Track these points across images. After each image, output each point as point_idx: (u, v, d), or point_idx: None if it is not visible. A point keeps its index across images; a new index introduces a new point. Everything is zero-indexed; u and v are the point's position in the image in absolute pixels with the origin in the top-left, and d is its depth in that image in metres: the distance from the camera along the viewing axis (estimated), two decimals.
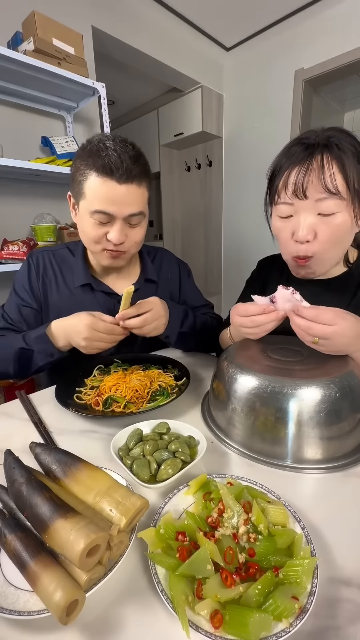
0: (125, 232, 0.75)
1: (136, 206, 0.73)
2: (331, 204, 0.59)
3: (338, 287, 0.72)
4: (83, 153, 0.71)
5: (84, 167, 0.70)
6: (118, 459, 0.48)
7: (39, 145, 1.82)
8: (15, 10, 1.60)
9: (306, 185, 0.59)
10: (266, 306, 0.59)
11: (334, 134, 0.60)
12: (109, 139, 0.70)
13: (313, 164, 0.58)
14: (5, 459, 0.41)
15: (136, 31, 2.15)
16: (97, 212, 0.71)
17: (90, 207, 0.71)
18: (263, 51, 2.56)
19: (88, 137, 0.75)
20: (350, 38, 2.12)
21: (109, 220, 0.73)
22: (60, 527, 0.30)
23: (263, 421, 0.51)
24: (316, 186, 0.58)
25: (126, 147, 0.70)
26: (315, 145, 0.59)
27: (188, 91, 2.81)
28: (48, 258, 0.88)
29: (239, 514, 0.38)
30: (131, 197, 0.71)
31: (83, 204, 0.73)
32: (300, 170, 0.59)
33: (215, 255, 3.31)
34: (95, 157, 0.68)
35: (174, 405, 0.66)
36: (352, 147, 0.59)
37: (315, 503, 0.44)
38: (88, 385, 0.73)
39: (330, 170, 0.57)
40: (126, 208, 0.72)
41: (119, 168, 0.68)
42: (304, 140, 0.61)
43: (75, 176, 0.72)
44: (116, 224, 0.73)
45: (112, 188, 0.69)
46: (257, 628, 0.27)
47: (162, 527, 0.36)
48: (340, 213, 0.60)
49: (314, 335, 0.53)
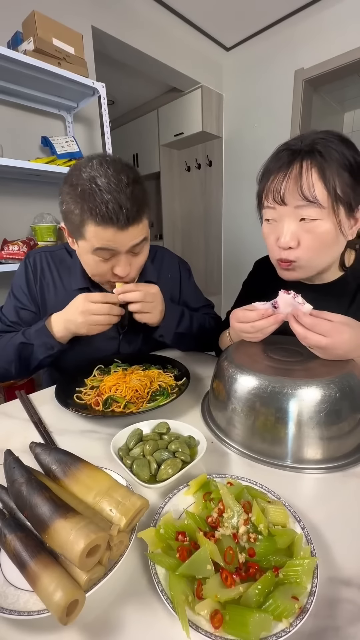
0: (130, 262, 0.73)
1: (138, 238, 0.70)
2: (311, 211, 0.58)
3: (336, 291, 0.71)
4: (73, 192, 0.64)
5: (79, 212, 0.64)
6: (118, 459, 0.48)
7: (39, 145, 1.82)
8: (15, 10, 1.60)
9: (284, 192, 0.58)
10: (264, 311, 0.60)
11: (320, 139, 0.58)
12: (100, 174, 0.63)
13: (292, 171, 0.57)
14: (5, 459, 0.41)
15: (136, 31, 2.15)
16: (99, 249, 0.67)
17: (92, 246, 0.67)
18: (263, 51, 2.56)
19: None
20: (350, 38, 2.12)
21: (112, 255, 0.70)
22: (60, 527, 0.30)
23: (263, 421, 0.51)
24: (293, 193, 0.57)
25: (120, 183, 0.63)
26: (298, 152, 0.58)
27: (188, 91, 2.80)
28: (45, 259, 0.87)
29: (239, 514, 0.38)
30: (133, 235, 0.68)
31: (83, 243, 0.69)
32: (279, 176, 0.59)
33: (215, 255, 3.31)
34: (90, 202, 0.62)
35: (174, 405, 0.66)
36: (338, 154, 0.57)
37: (315, 503, 0.44)
38: (88, 385, 0.73)
39: (308, 178, 0.56)
40: (129, 244, 0.69)
41: (119, 216, 0.63)
42: (291, 146, 0.61)
43: (69, 217, 0.67)
44: (121, 258, 0.70)
45: (114, 234, 0.65)
46: (257, 628, 0.27)
47: (162, 527, 0.36)
48: (322, 221, 0.58)
49: (309, 344, 0.54)
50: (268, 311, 0.59)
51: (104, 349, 0.90)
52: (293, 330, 0.56)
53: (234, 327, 0.66)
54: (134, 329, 0.91)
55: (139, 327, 0.91)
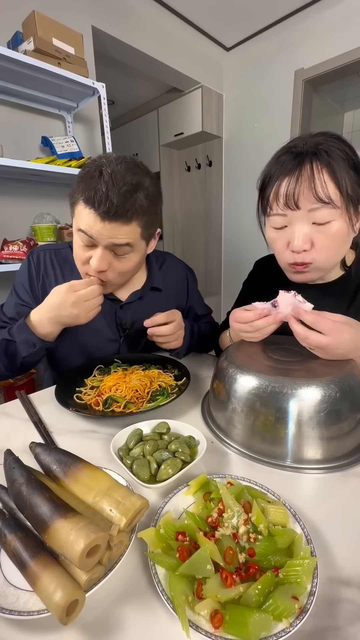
0: (109, 260, 0.71)
1: (121, 239, 0.68)
2: (325, 213, 0.57)
3: (336, 290, 0.71)
4: (82, 172, 0.69)
5: (76, 189, 0.68)
6: (118, 459, 0.48)
7: (39, 145, 1.82)
8: (15, 10, 1.60)
9: (297, 196, 0.57)
10: (262, 310, 0.59)
11: (322, 140, 0.59)
12: (109, 166, 0.65)
13: (303, 174, 0.57)
14: (5, 459, 0.41)
15: (136, 31, 2.15)
16: (80, 230, 0.69)
17: (77, 225, 0.70)
18: (263, 51, 2.55)
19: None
20: (350, 38, 2.12)
21: (92, 244, 0.70)
22: (60, 527, 0.30)
23: (263, 421, 0.51)
24: (307, 196, 0.57)
25: (123, 180, 0.64)
26: (304, 154, 0.58)
27: (188, 91, 2.80)
28: (49, 257, 0.86)
29: (239, 514, 0.38)
30: (114, 233, 0.67)
31: (73, 221, 0.72)
32: (290, 180, 0.58)
33: (215, 255, 3.31)
34: (87, 183, 0.65)
35: (174, 405, 0.66)
36: (342, 153, 0.57)
37: (315, 503, 0.44)
38: (88, 385, 0.73)
39: (320, 179, 0.56)
40: (107, 239, 0.68)
41: (101, 205, 0.63)
42: (292, 149, 0.60)
43: (71, 194, 0.71)
44: (98, 250, 0.70)
45: (94, 220, 0.66)
46: (257, 628, 0.27)
47: (162, 527, 0.36)
48: (336, 221, 0.58)
49: (310, 344, 0.54)
50: (265, 311, 0.59)
51: (104, 351, 0.90)
52: (293, 331, 0.55)
53: (232, 327, 0.66)
54: (135, 331, 0.91)
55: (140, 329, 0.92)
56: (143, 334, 0.92)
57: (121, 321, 0.88)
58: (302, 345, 0.56)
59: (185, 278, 1.02)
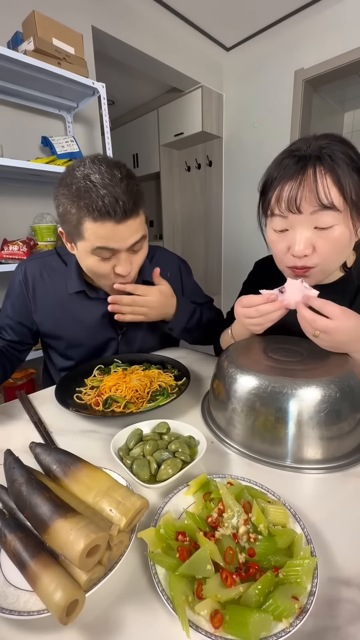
0: (130, 260, 0.73)
1: (137, 235, 0.70)
2: (327, 217, 0.57)
3: (336, 291, 0.71)
4: (69, 192, 0.65)
5: (75, 210, 0.64)
6: (118, 459, 0.48)
7: (39, 145, 1.81)
8: (15, 10, 1.60)
9: (300, 200, 0.57)
10: (269, 295, 0.60)
11: (326, 143, 0.58)
12: (93, 171, 0.63)
13: (306, 178, 0.56)
14: (5, 459, 0.41)
15: (136, 31, 2.15)
16: (99, 248, 0.67)
17: (92, 246, 0.67)
18: (263, 51, 2.55)
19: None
20: (350, 38, 2.11)
21: (112, 254, 0.70)
22: (60, 527, 0.30)
23: (263, 421, 0.51)
24: (310, 200, 0.56)
25: (114, 178, 0.64)
26: (307, 158, 0.57)
27: (188, 91, 2.80)
28: (37, 268, 0.85)
29: (239, 514, 0.38)
30: (132, 231, 0.68)
31: (82, 244, 0.69)
32: (292, 184, 0.57)
33: (215, 255, 3.31)
34: (86, 199, 0.62)
35: (174, 405, 0.66)
36: (346, 157, 0.56)
37: (315, 503, 0.44)
38: (88, 385, 0.73)
39: (323, 183, 0.55)
40: (128, 241, 0.69)
41: (115, 209, 0.63)
42: (295, 152, 0.59)
43: (67, 218, 0.67)
44: (121, 256, 0.70)
45: (112, 229, 0.65)
46: (257, 628, 0.27)
47: (162, 527, 0.36)
48: (338, 226, 0.58)
49: (317, 328, 0.54)
50: (272, 296, 0.60)
51: (102, 350, 0.90)
52: (300, 317, 0.56)
53: (238, 312, 0.65)
54: (133, 329, 0.91)
55: (138, 327, 0.92)
56: (139, 331, 0.92)
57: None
58: (305, 332, 0.56)
59: (178, 269, 1.01)
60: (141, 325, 0.92)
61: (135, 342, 0.93)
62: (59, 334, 0.87)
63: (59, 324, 0.85)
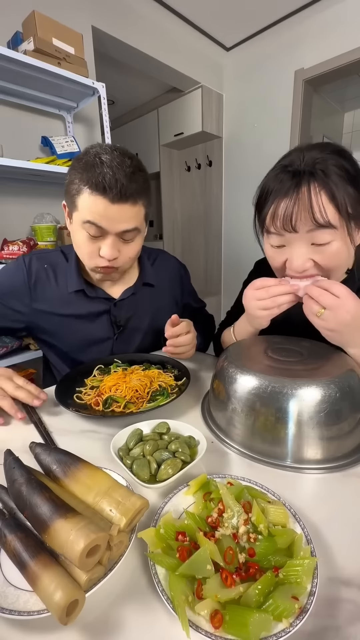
0: (118, 248, 0.73)
1: (129, 223, 0.71)
2: (324, 235, 0.57)
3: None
4: (78, 165, 0.68)
5: (78, 181, 0.67)
6: (118, 459, 0.48)
7: (39, 145, 1.82)
8: (15, 10, 1.60)
9: (295, 220, 0.56)
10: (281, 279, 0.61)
11: (320, 157, 0.56)
12: (106, 153, 0.67)
13: (300, 197, 0.55)
14: (5, 459, 0.41)
15: (136, 31, 2.15)
16: (88, 222, 0.68)
17: (82, 218, 0.69)
18: (263, 51, 2.55)
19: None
20: (351, 38, 2.12)
21: (101, 235, 0.71)
22: (60, 527, 0.30)
23: (263, 421, 0.51)
24: (305, 220, 0.56)
25: (123, 163, 0.67)
26: (301, 173, 0.56)
27: (188, 91, 2.80)
28: (42, 263, 0.86)
29: (239, 514, 0.38)
30: (124, 216, 0.69)
31: (76, 216, 0.71)
32: (288, 202, 0.57)
33: (215, 255, 3.31)
34: (90, 172, 0.65)
35: (174, 405, 0.66)
36: (339, 169, 0.55)
37: (315, 503, 0.44)
38: (88, 385, 0.73)
39: (318, 202, 0.54)
40: (118, 225, 0.70)
41: (112, 188, 0.65)
42: (289, 168, 0.58)
43: (69, 188, 0.70)
44: (108, 239, 0.71)
45: (105, 207, 0.67)
46: (257, 628, 0.27)
47: (162, 527, 0.36)
48: (335, 241, 0.57)
49: (323, 303, 0.54)
50: (284, 280, 0.61)
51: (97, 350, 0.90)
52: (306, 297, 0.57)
53: (247, 295, 0.65)
54: (130, 330, 0.91)
55: (135, 328, 0.92)
56: (137, 332, 0.92)
57: (115, 319, 0.89)
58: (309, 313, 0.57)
59: (179, 274, 1.03)
60: (138, 326, 0.92)
61: (132, 343, 0.93)
62: (55, 330, 0.87)
63: (57, 321, 0.85)
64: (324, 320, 0.55)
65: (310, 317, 0.57)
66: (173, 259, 1.06)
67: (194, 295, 1.09)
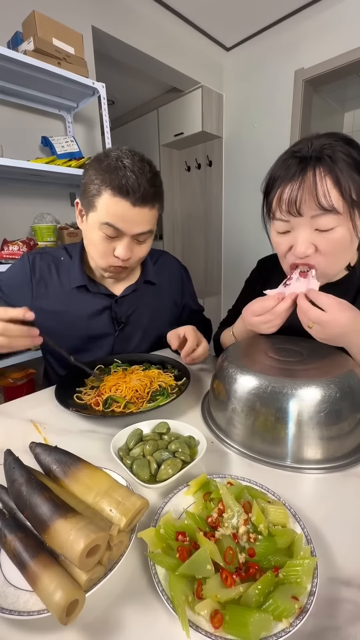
0: (132, 248, 0.76)
1: (146, 226, 0.74)
2: (328, 220, 0.57)
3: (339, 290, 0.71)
4: (99, 167, 0.70)
5: (99, 183, 0.69)
6: (118, 459, 0.48)
7: (39, 145, 1.81)
8: (15, 10, 1.59)
9: (300, 203, 0.57)
10: (278, 294, 0.61)
11: (327, 143, 0.57)
12: (127, 157, 0.69)
13: (306, 180, 0.56)
14: (5, 459, 0.41)
15: (136, 31, 2.15)
16: (106, 224, 0.70)
17: (101, 220, 0.71)
18: (263, 51, 2.55)
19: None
20: (350, 38, 2.11)
21: (117, 235, 0.73)
22: (60, 527, 0.30)
23: (263, 421, 0.51)
24: (310, 203, 0.56)
25: (144, 168, 0.69)
26: (308, 159, 0.57)
27: (188, 91, 2.80)
28: (45, 261, 0.87)
29: (239, 514, 0.38)
30: (142, 219, 0.72)
31: (93, 216, 0.72)
32: (293, 187, 0.57)
33: (215, 255, 3.31)
34: (113, 175, 0.67)
35: (174, 405, 0.66)
36: (347, 157, 0.56)
37: (315, 503, 0.44)
38: (88, 385, 0.73)
39: (323, 186, 0.55)
40: (136, 227, 0.72)
41: (135, 192, 0.68)
42: (296, 153, 0.59)
43: (88, 187, 0.71)
44: (124, 240, 0.74)
45: (125, 209, 0.69)
46: (257, 628, 0.27)
47: (162, 527, 0.36)
48: (339, 227, 0.58)
49: (310, 318, 0.55)
50: (282, 294, 0.61)
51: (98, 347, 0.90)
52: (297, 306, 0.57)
53: (250, 321, 0.65)
54: (131, 327, 0.92)
55: (136, 326, 0.92)
56: (137, 329, 0.93)
57: (117, 315, 0.89)
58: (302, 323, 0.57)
59: (180, 276, 1.05)
60: (139, 324, 0.93)
61: (132, 341, 0.94)
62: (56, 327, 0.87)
63: (60, 316, 0.85)
64: (316, 332, 0.56)
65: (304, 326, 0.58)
66: (175, 260, 1.07)
67: (194, 298, 1.11)
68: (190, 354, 0.78)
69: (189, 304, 1.08)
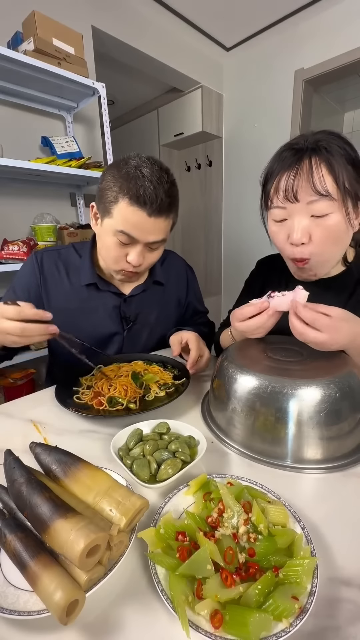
0: (144, 255, 0.77)
1: (159, 235, 0.74)
2: (323, 205, 0.59)
3: (336, 286, 0.73)
4: (118, 173, 0.69)
5: (117, 190, 0.69)
6: (118, 459, 0.48)
7: (39, 145, 1.82)
8: (15, 10, 1.60)
9: (296, 188, 0.60)
10: (260, 304, 0.61)
11: (323, 137, 0.61)
12: (146, 166, 0.69)
13: (302, 168, 0.59)
14: (5, 459, 0.41)
15: (136, 31, 2.15)
16: (121, 232, 0.71)
17: (116, 227, 0.71)
18: (263, 51, 2.55)
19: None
20: (350, 38, 2.11)
21: (131, 242, 0.73)
22: (60, 527, 0.30)
23: (263, 421, 0.51)
24: (306, 189, 0.59)
25: (162, 178, 0.69)
26: (304, 150, 0.60)
27: (188, 91, 2.80)
28: (53, 258, 0.87)
29: (239, 514, 0.38)
30: (157, 229, 0.73)
31: (108, 222, 0.73)
32: (290, 174, 0.60)
33: (215, 255, 3.31)
34: (131, 183, 0.67)
35: (174, 405, 0.66)
36: (341, 150, 0.60)
37: (315, 503, 0.44)
38: (84, 385, 0.73)
39: (319, 172, 0.58)
40: (150, 236, 0.73)
41: (153, 202, 0.68)
42: (294, 146, 0.62)
43: (105, 194, 0.71)
44: (137, 247, 0.74)
45: (141, 219, 0.69)
46: (257, 628, 0.27)
47: (162, 527, 0.36)
48: (334, 214, 0.60)
49: (307, 341, 0.55)
50: (264, 304, 0.61)
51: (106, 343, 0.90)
52: (291, 325, 0.56)
53: (235, 327, 0.66)
54: (140, 326, 0.92)
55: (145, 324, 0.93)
56: (145, 328, 0.93)
57: (125, 314, 0.90)
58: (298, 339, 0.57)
59: (185, 274, 1.06)
60: (147, 322, 0.93)
61: (141, 339, 0.94)
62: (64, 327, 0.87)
63: (68, 315, 0.86)
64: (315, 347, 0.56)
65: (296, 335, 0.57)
66: (182, 260, 1.08)
67: (199, 298, 1.11)
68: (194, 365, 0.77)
69: (193, 302, 1.08)
